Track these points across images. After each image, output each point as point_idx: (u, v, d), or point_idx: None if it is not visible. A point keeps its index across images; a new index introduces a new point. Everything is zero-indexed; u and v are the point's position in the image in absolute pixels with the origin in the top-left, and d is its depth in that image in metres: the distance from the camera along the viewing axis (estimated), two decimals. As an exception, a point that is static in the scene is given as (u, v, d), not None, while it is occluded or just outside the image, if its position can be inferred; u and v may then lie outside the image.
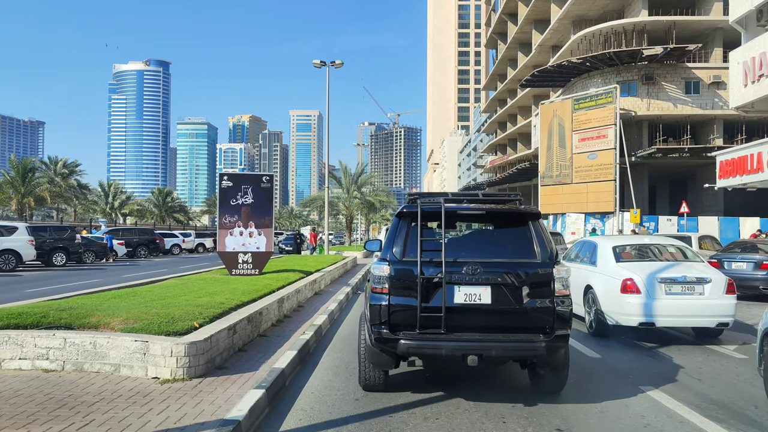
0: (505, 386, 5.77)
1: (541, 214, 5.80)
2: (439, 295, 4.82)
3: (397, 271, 4.94)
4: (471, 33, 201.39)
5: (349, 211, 40.43)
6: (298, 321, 8.96)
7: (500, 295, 4.84)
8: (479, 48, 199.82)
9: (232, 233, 12.99)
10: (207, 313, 6.66)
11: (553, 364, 5.11)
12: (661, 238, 11.20)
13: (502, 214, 5.43)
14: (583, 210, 38.68)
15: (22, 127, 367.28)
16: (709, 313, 7.51)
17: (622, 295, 7.58)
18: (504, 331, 4.89)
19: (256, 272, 13.05)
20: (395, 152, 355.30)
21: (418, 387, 5.62)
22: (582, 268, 9.09)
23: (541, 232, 5.16)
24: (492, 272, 4.86)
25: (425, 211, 5.13)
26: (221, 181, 13.06)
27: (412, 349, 4.81)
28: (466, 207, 5.41)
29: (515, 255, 5.07)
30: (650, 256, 8.75)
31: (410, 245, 5.03)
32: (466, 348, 4.75)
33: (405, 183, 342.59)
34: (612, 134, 36.84)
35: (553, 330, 4.83)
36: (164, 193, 74.49)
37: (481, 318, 4.89)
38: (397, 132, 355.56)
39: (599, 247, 8.91)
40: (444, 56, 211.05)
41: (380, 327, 4.89)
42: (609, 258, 8.43)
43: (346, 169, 41.06)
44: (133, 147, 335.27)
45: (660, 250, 9.01)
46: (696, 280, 7.60)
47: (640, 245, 9.23)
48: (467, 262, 4.89)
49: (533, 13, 54.86)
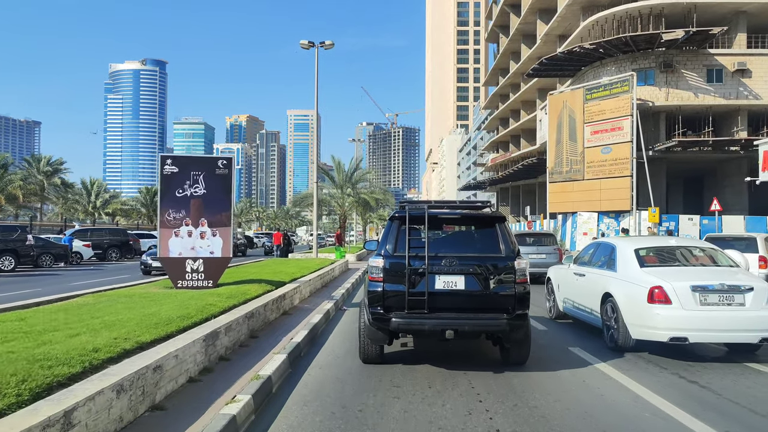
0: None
1: (505, 218, 6.51)
2: (423, 283, 5.89)
3: (390, 264, 6.01)
4: (470, 31, 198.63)
5: (342, 210, 37.41)
6: (231, 375, 5.63)
7: (472, 283, 5.92)
8: (478, 46, 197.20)
9: (177, 234, 9.99)
10: (35, 379, 3.63)
11: (516, 339, 6.10)
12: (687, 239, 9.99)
13: (474, 217, 6.59)
14: (596, 208, 35.74)
15: (18, 127, 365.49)
16: (751, 327, 6.54)
17: (650, 305, 6.75)
18: (475, 311, 5.95)
19: (209, 284, 10.05)
20: (393, 152, 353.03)
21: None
22: (598, 274, 8.23)
23: (505, 233, 6.19)
24: (465, 264, 5.95)
25: (412, 215, 6.19)
26: (163, 166, 10.05)
27: (402, 326, 5.86)
28: (445, 212, 6.70)
29: (484, 251, 6.15)
30: (677, 261, 7.78)
31: (400, 243, 6.09)
32: (444, 324, 5.79)
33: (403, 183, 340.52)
34: (628, 126, 33.90)
35: (515, 310, 5.86)
36: (152, 191, 71.21)
37: (456, 301, 5.96)
38: (396, 132, 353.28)
39: (618, 250, 7.97)
40: (443, 54, 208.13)
41: (376, 308, 5.95)
42: (631, 262, 7.55)
43: (339, 165, 38.02)
44: (129, 147, 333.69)
45: (687, 253, 8.04)
46: (735, 288, 6.66)
47: (665, 247, 8.24)
48: (446, 256, 5.97)
49: (538, 2, 51.89)
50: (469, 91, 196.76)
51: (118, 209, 59.17)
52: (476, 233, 6.62)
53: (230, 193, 10.24)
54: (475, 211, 6.73)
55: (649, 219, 30.76)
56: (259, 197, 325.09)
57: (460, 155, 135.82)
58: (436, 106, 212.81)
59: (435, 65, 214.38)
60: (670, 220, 33.00)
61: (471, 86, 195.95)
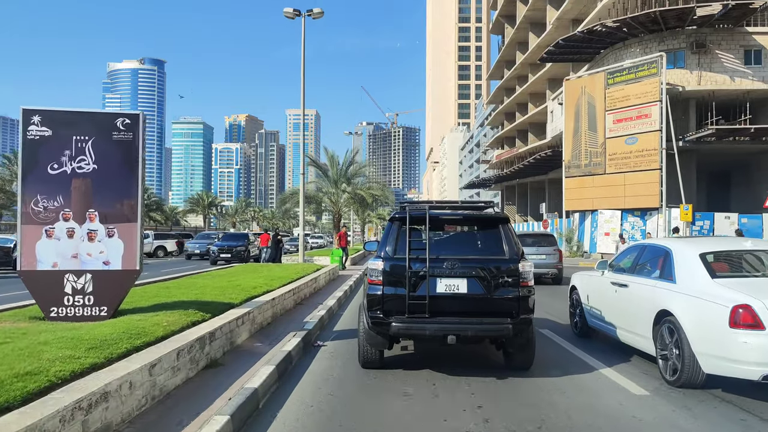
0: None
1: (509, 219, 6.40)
2: (425, 286, 5.65)
3: (390, 266, 5.79)
4: (472, 27, 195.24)
5: (337, 208, 33.69)
6: None
7: (475, 286, 5.67)
8: (480, 42, 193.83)
9: (51, 233, 6.34)
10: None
11: (520, 344, 5.89)
12: (764, 242, 7.74)
13: (477, 218, 6.42)
14: (619, 206, 32.07)
15: (16, 127, 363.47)
16: None
17: (733, 330, 4.99)
18: (478, 316, 5.69)
19: (102, 312, 6.39)
20: (393, 152, 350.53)
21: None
22: (648, 285, 6.39)
23: (509, 234, 5.98)
24: (468, 267, 5.69)
25: (413, 216, 5.99)
26: (28, 126, 6.38)
27: (402, 331, 5.65)
28: (447, 213, 6.50)
29: (487, 253, 5.95)
30: (756, 270, 6.02)
31: (400, 245, 5.87)
32: (446, 329, 5.55)
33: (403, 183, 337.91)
34: (656, 113, 30.22)
35: (519, 314, 5.62)
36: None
37: (458, 304, 5.73)
38: (396, 132, 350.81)
39: (676, 254, 6.17)
40: (444, 52, 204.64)
41: (376, 312, 5.73)
42: (697, 271, 5.74)
43: (333, 158, 34.27)
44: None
45: (764, 259, 6.14)
46: None
47: (739, 252, 6.41)
48: (448, 259, 5.71)
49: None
50: (471, 89, 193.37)
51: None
52: (479, 235, 6.47)
53: (136, 169, 6.55)
54: (478, 211, 6.58)
55: (681, 217, 27.12)
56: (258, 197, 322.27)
57: (462, 153, 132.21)
58: (437, 104, 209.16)
59: (436, 63, 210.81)
60: (705, 218, 29.34)
61: (473, 84, 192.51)
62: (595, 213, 33.40)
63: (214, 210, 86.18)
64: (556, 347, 7.50)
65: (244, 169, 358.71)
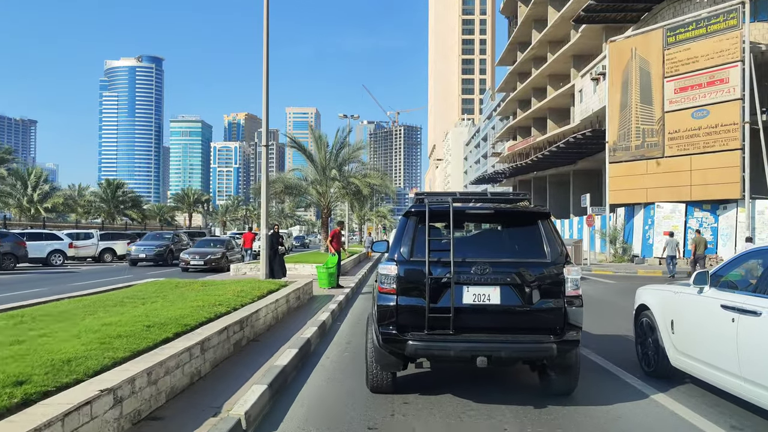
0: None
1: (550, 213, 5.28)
2: (448, 296, 4.69)
3: (405, 271, 4.83)
4: (476, 21, 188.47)
5: (325, 201, 26.92)
6: None
7: (510, 295, 4.72)
8: (484, 36, 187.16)
9: None
10: None
11: (563, 366, 4.92)
12: None
13: (511, 213, 5.37)
14: (683, 197, 25.26)
15: (13, 126, 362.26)
16: None
17: None
18: (514, 332, 4.76)
19: None
20: (395, 151, 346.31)
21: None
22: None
23: (551, 232, 5.03)
24: (502, 272, 4.74)
25: (433, 210, 4.97)
26: None
27: (421, 350, 4.68)
28: (474, 206, 5.44)
29: (525, 255, 4.95)
30: None
31: (418, 245, 4.90)
32: (475, 349, 4.59)
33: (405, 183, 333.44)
34: (736, 77, 23.37)
35: (564, 331, 4.71)
36: (114, 185, 61.01)
37: (490, 318, 4.78)
38: (397, 131, 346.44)
39: None
40: (447, 45, 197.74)
41: (388, 328, 4.78)
42: None
43: (320, 138, 27.41)
44: (125, 146, 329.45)
45: None
46: None
47: None
48: (476, 262, 4.76)
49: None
50: (475, 83, 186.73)
51: (60, 203, 48.51)
52: (513, 233, 5.34)
53: None
54: (511, 204, 5.53)
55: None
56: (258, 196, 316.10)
57: (468, 149, 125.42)
58: (440, 99, 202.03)
59: (438, 57, 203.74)
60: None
61: (477, 78, 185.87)
62: (649, 207, 26.57)
63: (200, 208, 79.26)
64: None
65: (244, 168, 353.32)
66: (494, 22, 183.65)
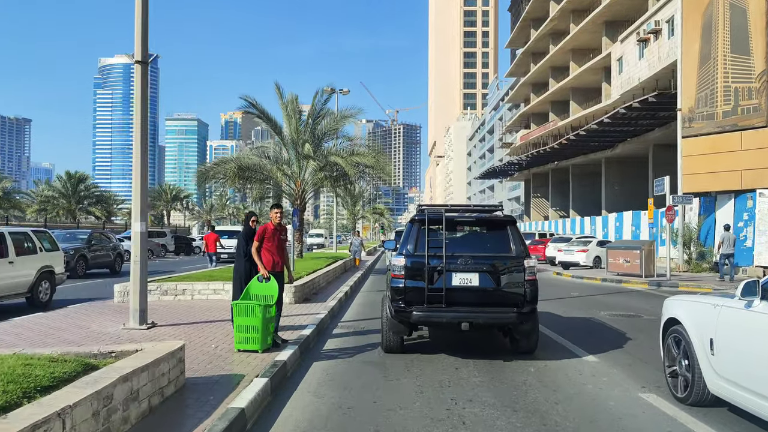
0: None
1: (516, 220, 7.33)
2: (441, 280, 6.57)
3: (411, 262, 6.70)
4: (478, 12, 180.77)
5: (299, 188, 19.63)
6: None
7: (485, 280, 6.60)
8: (487, 27, 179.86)
9: None
10: None
11: (525, 331, 6.82)
12: None
13: (488, 220, 7.47)
14: (798, 181, 17.96)
15: (7, 125, 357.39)
16: None
17: None
18: (488, 306, 6.64)
19: None
20: (394, 150, 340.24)
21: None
22: None
23: (516, 234, 6.93)
24: (480, 263, 6.63)
25: (431, 218, 6.90)
26: None
27: (422, 319, 6.61)
28: (461, 215, 7.44)
29: (497, 250, 6.88)
30: None
31: (420, 243, 6.80)
32: (461, 317, 6.52)
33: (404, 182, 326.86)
34: None
35: (524, 305, 6.57)
36: (76, 179, 53.50)
37: (471, 296, 6.65)
38: (396, 129, 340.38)
39: None
40: (447, 39, 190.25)
41: (398, 303, 6.68)
42: None
43: (291, 103, 20.12)
44: (119, 144, 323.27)
45: None
46: None
47: None
48: (461, 256, 6.65)
49: None
50: (477, 77, 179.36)
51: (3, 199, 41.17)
52: (489, 235, 7.36)
53: None
54: (488, 214, 7.70)
55: None
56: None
57: (471, 143, 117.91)
58: (441, 95, 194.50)
59: (439, 52, 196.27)
60: None
61: (479, 72, 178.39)
62: (744, 196, 19.26)
63: (179, 205, 71.85)
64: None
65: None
66: (497, 12, 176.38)
